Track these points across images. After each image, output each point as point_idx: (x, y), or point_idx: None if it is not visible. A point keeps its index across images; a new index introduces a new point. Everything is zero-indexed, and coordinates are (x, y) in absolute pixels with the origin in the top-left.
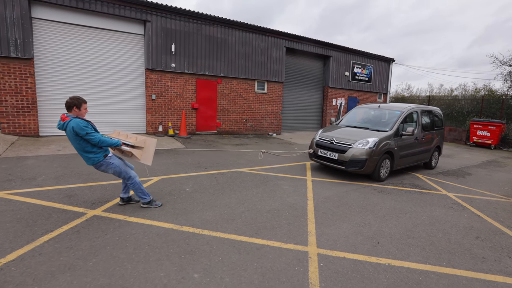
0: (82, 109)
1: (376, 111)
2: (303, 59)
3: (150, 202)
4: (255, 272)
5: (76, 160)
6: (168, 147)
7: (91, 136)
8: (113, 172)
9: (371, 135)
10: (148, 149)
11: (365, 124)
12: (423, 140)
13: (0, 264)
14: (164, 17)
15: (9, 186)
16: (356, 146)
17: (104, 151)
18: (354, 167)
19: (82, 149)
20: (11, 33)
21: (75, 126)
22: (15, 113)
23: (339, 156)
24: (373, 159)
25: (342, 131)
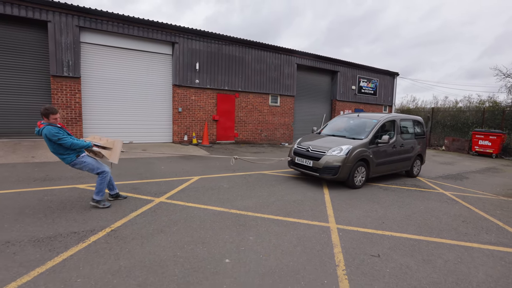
0: (51, 119)
1: (355, 120)
2: (313, 74)
3: (99, 202)
4: (293, 237)
5: (122, 163)
6: (195, 153)
7: (63, 141)
8: (87, 169)
9: (346, 143)
10: (115, 149)
11: (343, 133)
12: (402, 148)
13: (113, 228)
14: (190, 39)
15: (85, 181)
16: (330, 154)
17: (76, 152)
18: (327, 174)
19: (56, 151)
20: (65, 56)
21: (48, 133)
22: (66, 124)
23: (313, 163)
24: (347, 166)
25: (320, 140)
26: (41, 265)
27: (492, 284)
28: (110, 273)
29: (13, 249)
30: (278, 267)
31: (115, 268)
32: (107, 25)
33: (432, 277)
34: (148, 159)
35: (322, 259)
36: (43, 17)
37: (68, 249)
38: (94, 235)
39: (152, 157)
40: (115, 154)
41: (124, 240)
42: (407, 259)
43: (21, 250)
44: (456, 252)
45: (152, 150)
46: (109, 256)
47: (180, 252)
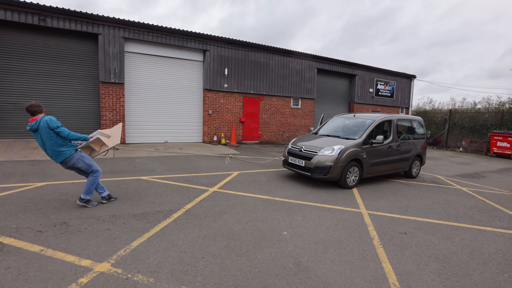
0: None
1: (350, 120)
2: (332, 77)
3: (88, 202)
4: (332, 218)
5: (168, 159)
6: (226, 152)
7: (61, 129)
8: (83, 164)
9: (338, 143)
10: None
11: (338, 133)
12: (399, 149)
13: (186, 209)
14: (219, 46)
15: (144, 174)
16: (322, 153)
17: (75, 146)
18: (319, 173)
19: (55, 143)
20: (112, 64)
21: (48, 120)
22: (111, 125)
23: (305, 163)
24: (338, 166)
25: (314, 140)
26: (147, 232)
27: (500, 255)
28: (200, 238)
29: (121, 220)
30: (326, 238)
31: (202, 235)
32: (147, 35)
33: (451, 249)
34: (188, 156)
35: (359, 234)
36: (95, 30)
37: (160, 222)
38: (175, 213)
39: (190, 155)
40: (114, 139)
41: (199, 217)
42: (430, 236)
43: (127, 222)
44: (471, 233)
45: (188, 149)
46: (193, 228)
47: (246, 226)
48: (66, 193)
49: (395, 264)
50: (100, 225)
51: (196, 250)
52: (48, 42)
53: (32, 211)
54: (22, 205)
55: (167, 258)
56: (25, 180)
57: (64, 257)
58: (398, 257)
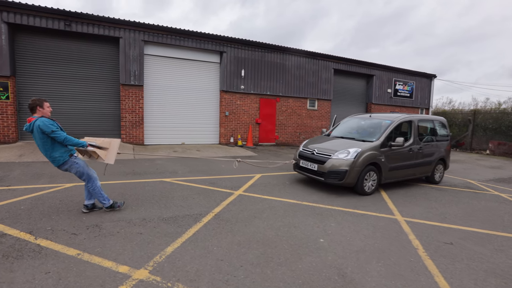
0: (45, 107)
1: (366, 120)
2: (349, 78)
3: (113, 206)
4: (368, 225)
5: (187, 161)
6: (244, 154)
7: (56, 134)
8: (76, 171)
9: (354, 146)
10: (112, 149)
11: (353, 135)
12: (420, 152)
13: (215, 213)
14: (236, 48)
15: (166, 176)
16: (336, 157)
17: (69, 151)
18: (333, 178)
19: (47, 149)
20: (132, 67)
21: (41, 124)
22: (131, 126)
23: (318, 167)
24: (355, 170)
25: (327, 142)
26: (179, 237)
27: None
28: (235, 244)
29: (152, 224)
30: (366, 247)
31: (236, 241)
32: (166, 38)
33: (508, 263)
34: (207, 158)
35: (401, 243)
36: (116, 34)
37: (191, 226)
38: (204, 217)
39: (208, 157)
40: (111, 155)
41: (229, 222)
42: (479, 248)
43: (158, 226)
44: None
45: (205, 150)
46: (226, 233)
47: (279, 232)
48: None
49: (450, 279)
50: (132, 228)
51: (233, 258)
52: (72, 46)
53: (64, 212)
54: (54, 207)
55: (205, 266)
56: (54, 181)
57: (101, 262)
58: (451, 271)
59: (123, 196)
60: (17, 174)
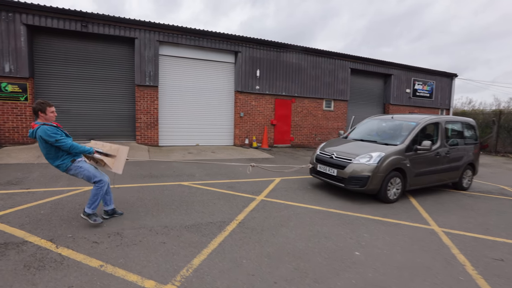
0: (48, 113)
1: (388, 122)
2: (366, 78)
3: (90, 216)
4: (404, 236)
5: (203, 163)
6: (261, 156)
7: (61, 143)
8: (82, 176)
9: (377, 149)
10: (120, 158)
11: (374, 137)
12: (448, 156)
13: (239, 220)
14: (251, 47)
15: (184, 179)
16: (358, 161)
17: (72, 157)
18: (354, 185)
19: (49, 156)
20: (147, 67)
21: (43, 134)
22: (145, 127)
23: (338, 172)
24: (378, 176)
25: (346, 145)
26: (205, 247)
27: None
28: (264, 257)
29: (174, 233)
30: (408, 262)
31: (265, 253)
32: (181, 38)
33: None
34: (222, 160)
35: (445, 258)
36: (132, 34)
37: (216, 235)
38: (228, 225)
39: (224, 158)
40: (118, 163)
41: (255, 231)
42: None
43: (181, 234)
44: None
45: (220, 152)
46: (253, 244)
47: (310, 243)
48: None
49: None
50: (154, 237)
51: (265, 273)
52: (88, 48)
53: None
54: (74, 211)
55: (236, 282)
56: (72, 183)
57: (126, 276)
58: None
59: (141, 201)
60: (36, 176)
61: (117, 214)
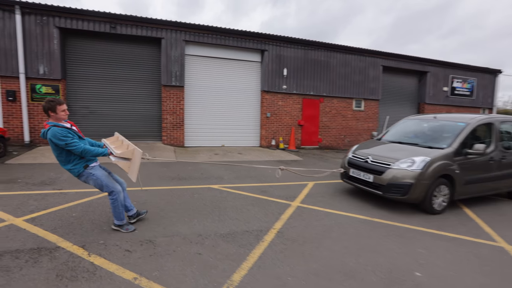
0: (59, 112)
1: (430, 123)
2: (398, 76)
3: (122, 226)
4: (467, 254)
5: (233, 166)
6: (288, 158)
7: (72, 146)
8: (94, 184)
9: (420, 153)
10: (134, 161)
11: (414, 139)
12: (502, 161)
13: (277, 229)
14: (278, 45)
15: (213, 182)
16: (398, 167)
17: (85, 161)
18: (394, 193)
19: (63, 160)
20: (173, 67)
21: (53, 137)
22: (171, 128)
23: (375, 179)
24: (422, 184)
25: (382, 148)
26: (244, 261)
27: None
28: (311, 274)
29: (209, 242)
30: None
31: (312, 270)
32: (207, 37)
33: None
34: (250, 162)
35: None
36: (159, 35)
37: (254, 246)
38: (265, 235)
39: (252, 160)
40: (133, 168)
41: (296, 242)
42: None
43: (216, 244)
44: None
45: (247, 153)
46: (297, 258)
47: (360, 259)
48: (143, 202)
49: None
50: (189, 247)
51: None
52: (116, 49)
53: None
54: (105, 215)
55: None
56: None
57: None
58: None
59: (172, 205)
60: (68, 176)
61: (142, 214)
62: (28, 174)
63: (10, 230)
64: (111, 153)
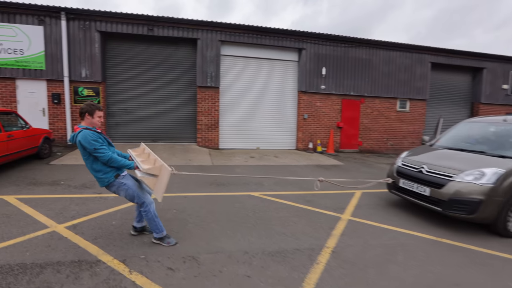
0: (96, 117)
1: (499, 127)
2: (449, 73)
3: (163, 239)
4: None
5: (269, 170)
6: (328, 163)
7: (100, 153)
8: (125, 195)
9: (490, 163)
10: (162, 179)
11: (479, 146)
12: None
13: (330, 248)
14: (316, 43)
15: (252, 188)
16: (463, 179)
17: (116, 170)
18: (457, 210)
19: (90, 167)
20: (209, 68)
21: (83, 140)
22: (206, 130)
23: (432, 192)
24: (494, 201)
25: (438, 155)
26: (299, 286)
27: None
28: None
29: (258, 262)
30: None
31: None
32: (242, 36)
33: None
34: (288, 166)
35: None
36: (195, 35)
37: (308, 270)
38: (319, 255)
39: (290, 164)
40: (160, 186)
41: (356, 266)
42: None
43: (266, 265)
44: None
45: (284, 157)
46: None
47: None
48: (182, 210)
49: None
50: (236, 267)
51: None
52: (152, 50)
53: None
54: None
55: None
56: None
57: None
58: None
59: (213, 215)
60: None
61: (147, 231)
62: (70, 176)
63: (52, 238)
64: (137, 167)
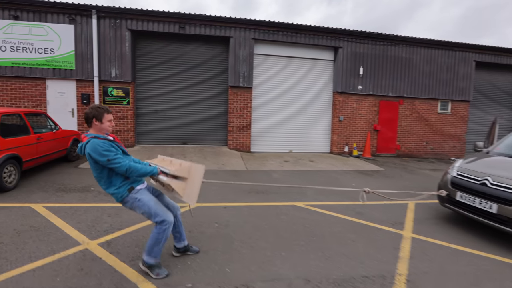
0: (105, 121)
1: None
2: (493, 72)
3: (153, 267)
4: None
5: (308, 175)
6: (367, 168)
7: (115, 164)
8: (142, 212)
9: None
10: (193, 181)
11: None
12: None
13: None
14: (354, 42)
15: (295, 198)
16: None
17: (130, 183)
18: None
19: (105, 182)
20: (242, 68)
21: (93, 151)
22: (238, 132)
23: (500, 209)
24: None
25: (502, 165)
26: None
27: None
28: None
29: None
30: None
31: None
32: (276, 35)
33: None
34: (326, 172)
35: None
36: (227, 33)
37: None
38: (393, 285)
39: (327, 169)
40: (191, 189)
41: None
42: None
43: None
44: None
45: (319, 161)
46: None
47: None
48: (226, 224)
49: None
50: None
51: None
52: (184, 49)
53: (207, 253)
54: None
55: None
56: None
57: None
58: None
59: (259, 230)
60: None
61: (191, 251)
62: None
63: (85, 259)
64: (161, 171)
